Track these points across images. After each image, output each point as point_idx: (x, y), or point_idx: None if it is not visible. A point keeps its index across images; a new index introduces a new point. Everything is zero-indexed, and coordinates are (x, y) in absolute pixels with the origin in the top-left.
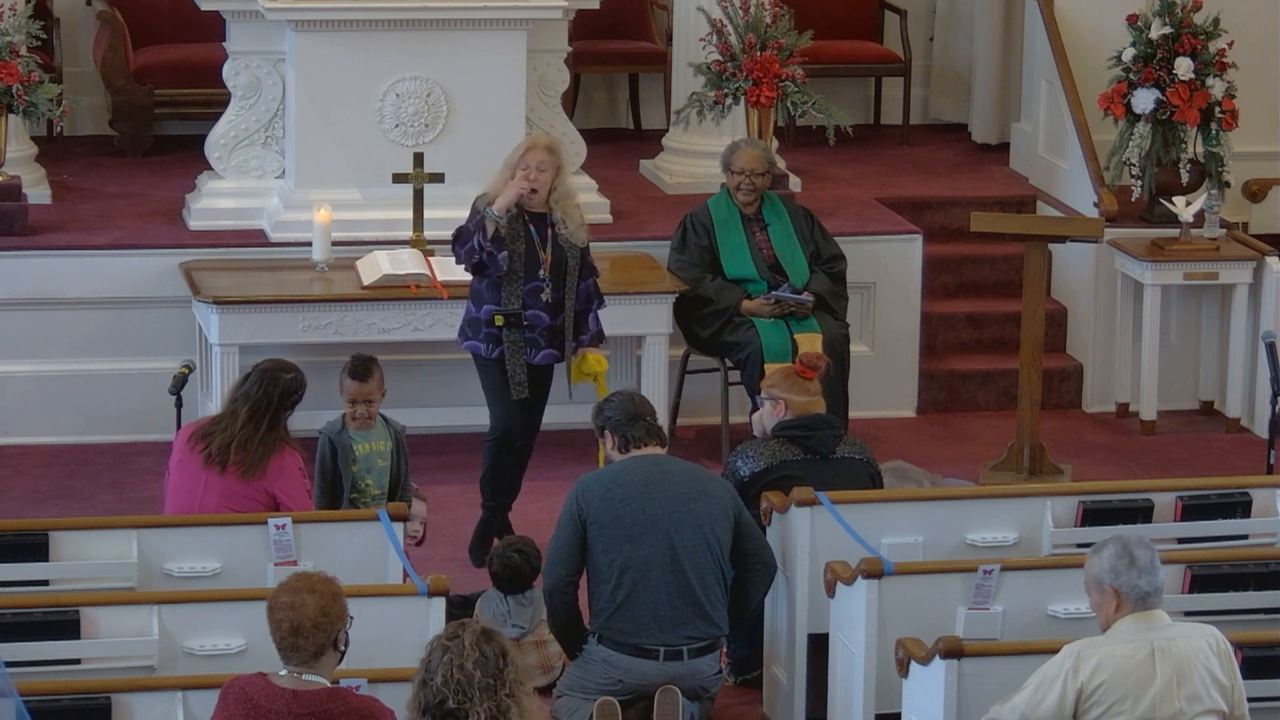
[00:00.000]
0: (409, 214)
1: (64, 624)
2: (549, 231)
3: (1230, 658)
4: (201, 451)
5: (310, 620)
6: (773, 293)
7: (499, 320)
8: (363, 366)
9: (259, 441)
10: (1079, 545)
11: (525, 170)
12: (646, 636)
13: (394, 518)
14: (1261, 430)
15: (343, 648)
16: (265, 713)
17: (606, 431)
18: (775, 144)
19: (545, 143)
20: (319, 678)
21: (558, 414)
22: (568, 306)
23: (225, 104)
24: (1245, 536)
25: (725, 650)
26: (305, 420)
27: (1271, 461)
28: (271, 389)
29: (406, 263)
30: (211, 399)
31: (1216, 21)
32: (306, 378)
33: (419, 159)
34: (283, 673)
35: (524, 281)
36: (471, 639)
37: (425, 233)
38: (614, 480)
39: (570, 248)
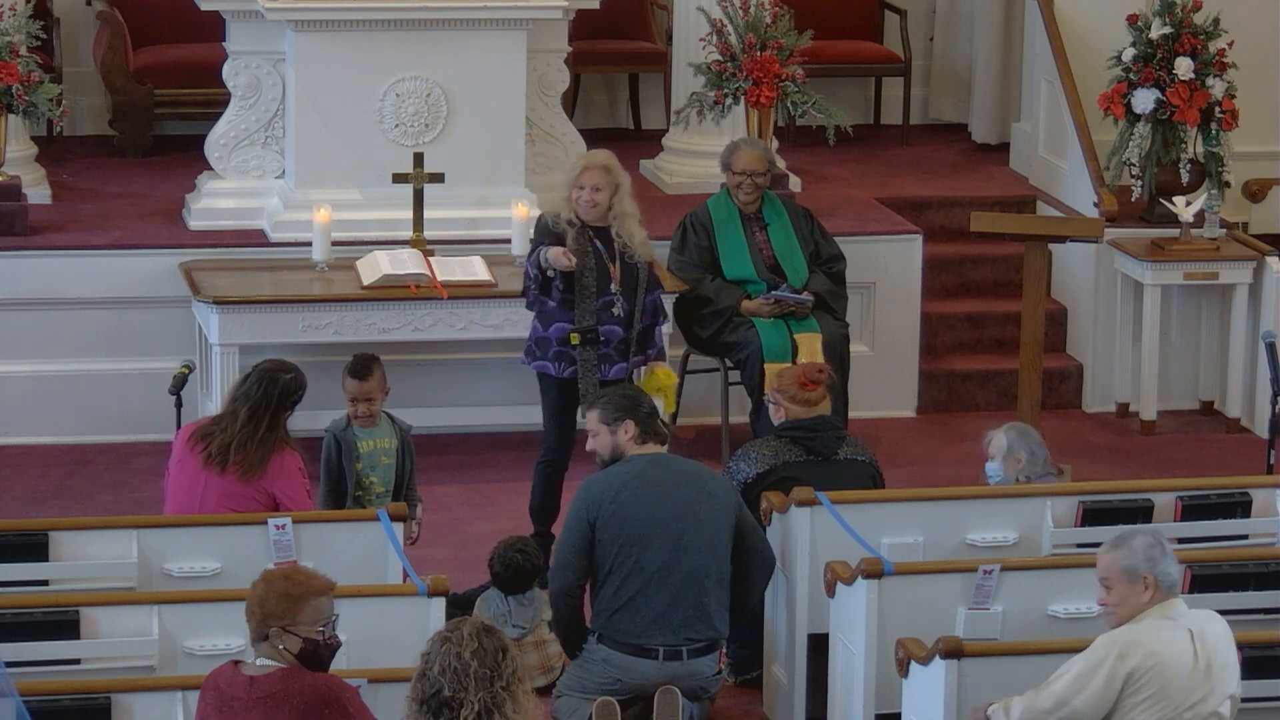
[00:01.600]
0: (409, 214)
1: (64, 624)
2: (615, 245)
3: (1234, 642)
4: (201, 452)
5: (248, 605)
6: (772, 292)
7: (574, 338)
8: (363, 365)
9: (259, 442)
10: (1079, 545)
11: (580, 190)
12: (647, 637)
13: (394, 518)
14: (1261, 430)
15: (280, 646)
16: (230, 700)
17: (629, 421)
18: (775, 144)
19: (601, 161)
20: (271, 661)
21: None
22: (637, 319)
23: (225, 104)
24: (1245, 536)
25: (725, 651)
26: (306, 420)
27: (1271, 461)
28: (271, 389)
29: (406, 263)
30: (211, 399)
31: (1216, 21)
32: (306, 378)
33: (419, 159)
34: (249, 659)
35: (596, 297)
36: (471, 631)
37: (425, 233)
38: (622, 484)
39: (638, 262)
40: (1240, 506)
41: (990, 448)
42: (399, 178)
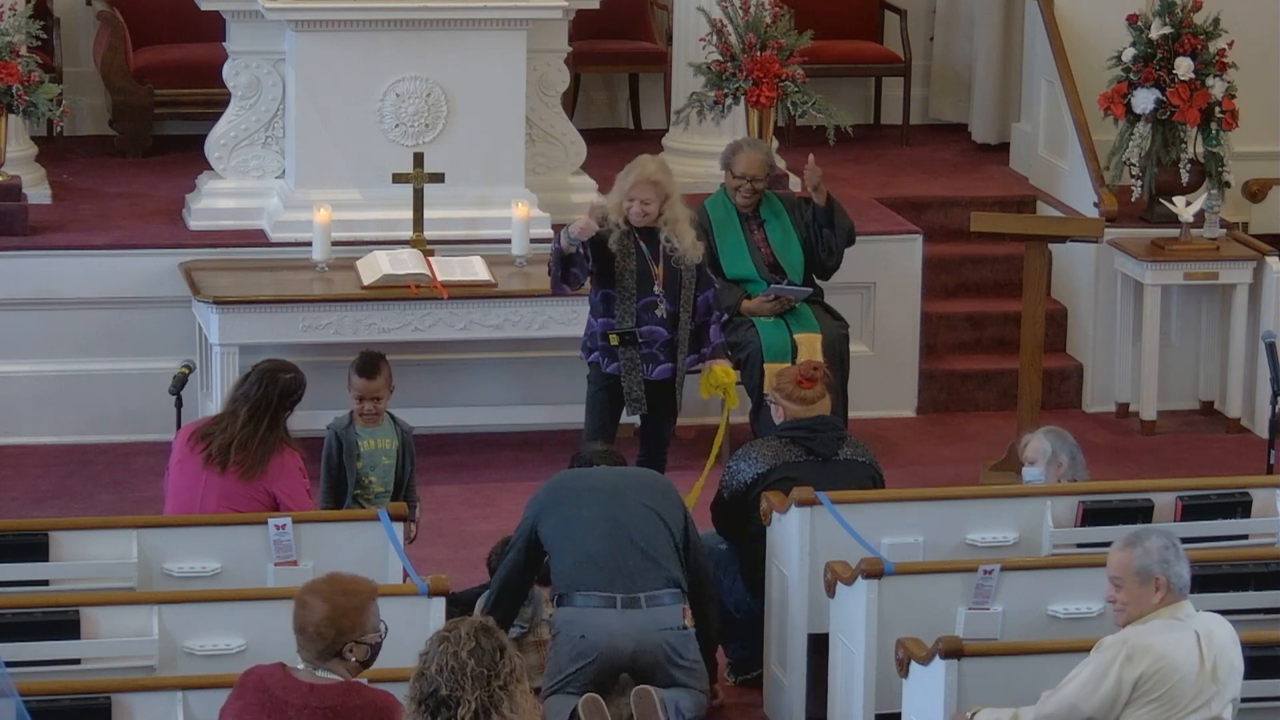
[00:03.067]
0: (409, 214)
1: (64, 624)
2: (660, 247)
3: (1239, 647)
4: (202, 452)
5: (313, 626)
6: (771, 287)
7: (613, 339)
8: (370, 364)
9: (259, 441)
10: (1079, 545)
11: (630, 202)
12: (601, 586)
13: (394, 518)
14: (1261, 430)
15: (352, 658)
16: (282, 704)
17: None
18: (775, 144)
19: (651, 176)
20: (333, 673)
21: (559, 414)
22: (683, 320)
23: (225, 104)
24: (1245, 536)
25: (725, 651)
26: (306, 420)
27: (1271, 461)
28: (271, 389)
29: (406, 263)
30: (211, 399)
31: (1216, 21)
32: (306, 377)
33: (419, 159)
34: (300, 666)
35: (637, 298)
36: (469, 630)
37: (425, 233)
38: (562, 474)
39: (684, 266)
40: (1240, 506)
41: (1028, 452)
42: (399, 178)
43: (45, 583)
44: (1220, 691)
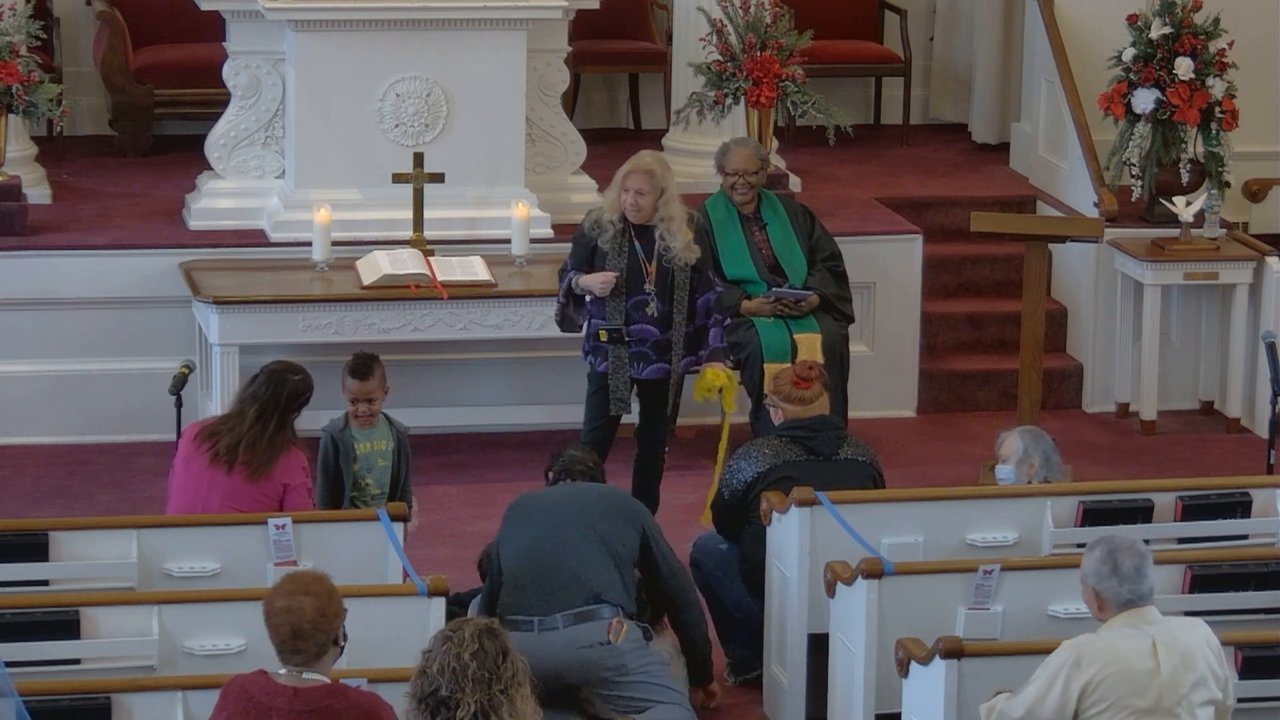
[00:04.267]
0: (409, 214)
1: (64, 624)
2: (655, 245)
3: (1220, 651)
4: (208, 450)
5: (309, 622)
6: (773, 289)
7: (603, 336)
8: (363, 365)
9: (267, 442)
10: (1079, 545)
11: (625, 193)
12: (522, 610)
13: (394, 518)
14: (1261, 430)
15: (342, 643)
16: (267, 710)
17: (550, 474)
18: (775, 144)
19: (646, 166)
20: (319, 675)
21: (559, 414)
22: (676, 321)
23: (225, 104)
24: (1245, 536)
25: (726, 651)
26: (306, 420)
27: (1271, 461)
28: (279, 390)
29: (406, 263)
30: (211, 399)
31: (1216, 21)
32: (313, 380)
33: (419, 159)
34: (282, 671)
35: (626, 297)
36: (473, 632)
37: (425, 233)
38: (520, 496)
39: (676, 266)
40: (1240, 506)
41: (1003, 450)
42: (399, 178)
43: (45, 583)
44: (1184, 697)
